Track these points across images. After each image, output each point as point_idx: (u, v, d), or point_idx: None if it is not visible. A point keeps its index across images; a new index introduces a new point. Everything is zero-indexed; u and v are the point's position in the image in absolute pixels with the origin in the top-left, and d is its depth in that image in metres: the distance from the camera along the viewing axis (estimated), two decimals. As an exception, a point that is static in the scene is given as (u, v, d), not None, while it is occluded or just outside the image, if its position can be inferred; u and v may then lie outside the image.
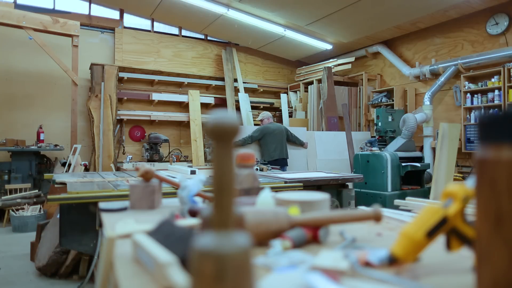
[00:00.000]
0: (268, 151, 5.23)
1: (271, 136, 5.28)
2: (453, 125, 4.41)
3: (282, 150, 5.30)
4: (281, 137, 5.36)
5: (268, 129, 5.32)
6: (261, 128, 5.37)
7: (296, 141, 5.69)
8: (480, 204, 0.50)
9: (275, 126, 5.44)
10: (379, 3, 5.39)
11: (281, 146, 5.32)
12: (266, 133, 5.29)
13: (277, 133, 5.34)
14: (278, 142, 5.28)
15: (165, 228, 0.84)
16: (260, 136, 5.31)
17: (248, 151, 1.48)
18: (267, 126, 5.38)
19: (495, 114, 0.48)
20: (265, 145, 5.28)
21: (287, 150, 5.40)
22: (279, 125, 5.56)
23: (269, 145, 5.25)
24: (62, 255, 3.05)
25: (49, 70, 6.18)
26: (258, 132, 5.32)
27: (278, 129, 5.41)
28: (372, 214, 0.91)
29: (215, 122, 0.47)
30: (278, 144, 5.28)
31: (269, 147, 5.24)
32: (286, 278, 0.67)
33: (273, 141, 5.25)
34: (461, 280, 0.68)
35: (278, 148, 5.28)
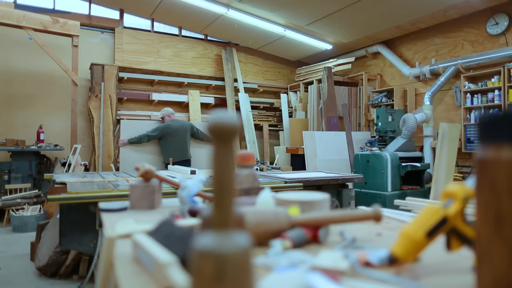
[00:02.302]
0: (169, 152, 4.75)
1: (173, 136, 4.80)
2: (453, 125, 4.41)
3: (185, 151, 4.85)
4: (184, 137, 4.88)
5: (169, 128, 4.81)
6: (162, 127, 4.84)
7: (204, 138, 5.14)
8: (480, 204, 0.50)
9: (178, 124, 4.92)
10: (379, 3, 5.39)
11: (184, 146, 4.86)
12: (167, 132, 4.80)
13: (180, 132, 4.85)
14: (180, 142, 4.82)
15: (165, 228, 0.84)
16: (159, 136, 4.81)
17: (248, 151, 1.48)
18: (169, 124, 4.86)
19: (495, 114, 0.48)
20: (166, 145, 4.79)
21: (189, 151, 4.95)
22: (183, 122, 5.05)
23: (170, 145, 4.77)
24: (62, 255, 3.05)
25: (49, 70, 6.18)
26: (158, 131, 4.81)
27: (182, 127, 4.91)
28: (372, 214, 0.91)
29: (215, 122, 0.47)
30: (181, 144, 4.82)
31: (170, 148, 4.77)
32: (286, 278, 0.67)
33: (174, 141, 4.79)
34: (461, 280, 0.68)
35: (181, 148, 4.82)
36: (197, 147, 5.15)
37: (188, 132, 4.97)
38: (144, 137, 4.77)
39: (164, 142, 4.81)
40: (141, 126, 4.91)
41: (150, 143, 4.89)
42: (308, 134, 6.11)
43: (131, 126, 4.90)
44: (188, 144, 4.95)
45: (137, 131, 4.81)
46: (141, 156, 4.83)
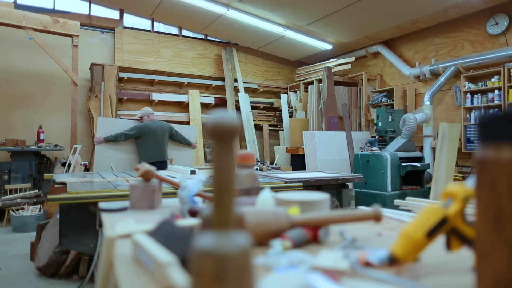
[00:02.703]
0: (146, 153, 4.64)
1: (151, 136, 4.69)
2: (453, 125, 4.41)
3: (162, 152, 4.76)
4: (163, 138, 4.80)
5: (147, 128, 4.71)
6: (139, 126, 4.74)
7: (182, 141, 5.09)
8: (480, 204, 0.50)
9: (156, 124, 4.82)
10: (379, 3, 5.39)
11: (162, 147, 4.77)
12: (144, 132, 4.69)
13: (158, 132, 4.76)
14: (158, 143, 4.73)
15: (165, 228, 0.84)
16: (136, 135, 4.69)
17: (248, 151, 1.48)
18: (147, 124, 4.75)
19: (495, 114, 0.48)
20: (143, 145, 4.68)
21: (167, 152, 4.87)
22: (161, 123, 4.94)
23: (148, 145, 4.67)
24: (62, 255, 3.05)
25: (49, 70, 6.18)
26: (135, 130, 4.69)
27: (160, 128, 4.81)
28: (372, 214, 0.91)
29: (215, 122, 0.47)
30: (158, 145, 4.73)
31: (147, 148, 4.66)
32: (286, 278, 0.67)
33: (152, 142, 4.69)
34: (461, 280, 0.68)
35: (158, 149, 4.73)
36: (175, 150, 5.03)
37: (167, 134, 4.88)
38: (121, 135, 4.64)
39: (141, 142, 4.70)
40: (118, 124, 4.79)
41: (126, 142, 4.75)
42: (308, 134, 6.11)
43: (108, 124, 4.76)
44: (166, 145, 4.85)
45: (114, 129, 4.68)
46: (117, 155, 4.69)
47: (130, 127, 4.74)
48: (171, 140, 4.99)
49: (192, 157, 5.34)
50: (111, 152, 4.69)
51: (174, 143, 5.04)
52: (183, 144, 5.14)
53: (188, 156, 5.26)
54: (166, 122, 5.00)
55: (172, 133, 4.98)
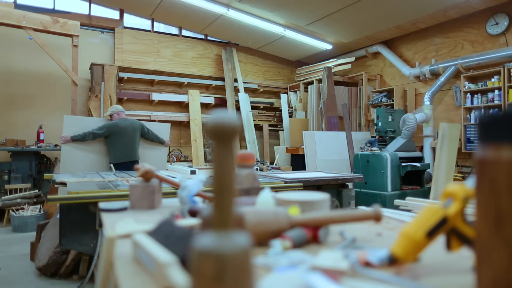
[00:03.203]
0: (116, 152, 4.50)
1: (121, 135, 4.53)
2: (453, 125, 4.41)
3: (133, 152, 4.60)
4: (133, 137, 4.64)
5: (117, 126, 4.54)
6: (109, 125, 4.56)
7: (155, 139, 4.93)
8: (480, 204, 0.50)
9: (127, 123, 4.65)
10: (379, 3, 5.39)
11: (132, 146, 4.60)
12: (114, 131, 4.52)
13: (129, 131, 4.60)
14: (129, 142, 4.57)
15: (165, 228, 0.84)
16: (106, 134, 4.52)
17: (248, 151, 1.48)
18: (117, 123, 4.58)
19: (495, 114, 0.48)
20: (113, 144, 4.52)
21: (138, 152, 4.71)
22: (132, 121, 4.77)
23: (118, 145, 4.51)
24: (62, 255, 3.05)
25: (49, 70, 6.18)
26: (104, 129, 4.51)
27: (131, 126, 4.65)
28: (372, 214, 0.91)
29: (215, 122, 0.47)
30: (129, 144, 4.57)
31: (117, 148, 4.51)
32: (286, 278, 0.67)
33: (122, 141, 4.52)
34: (461, 280, 0.68)
35: (129, 149, 4.56)
36: (146, 148, 4.86)
37: (138, 132, 4.72)
38: (89, 134, 4.46)
39: (111, 141, 4.53)
40: (86, 123, 4.61)
41: (95, 142, 4.58)
42: (308, 134, 6.11)
43: (74, 122, 4.57)
44: (137, 144, 4.69)
45: (81, 128, 4.50)
46: (84, 156, 4.53)
47: (99, 126, 4.56)
48: (143, 139, 4.82)
49: (165, 156, 5.15)
50: (79, 152, 4.51)
51: (146, 142, 4.87)
52: (155, 143, 4.97)
53: (161, 155, 5.06)
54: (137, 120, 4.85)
55: (144, 132, 4.82)
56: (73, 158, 4.47)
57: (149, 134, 4.87)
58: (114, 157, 4.48)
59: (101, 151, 4.63)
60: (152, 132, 4.91)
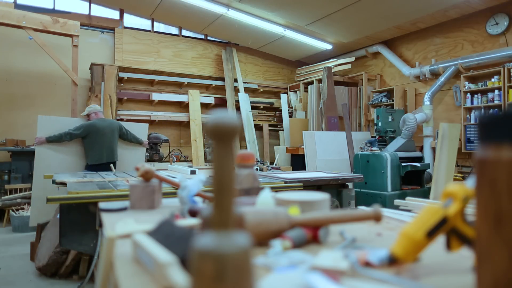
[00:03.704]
0: (94, 153, 4.37)
1: (99, 135, 4.40)
2: (453, 125, 4.41)
3: (111, 153, 4.49)
4: (112, 137, 4.52)
5: (95, 126, 4.42)
6: (86, 125, 4.42)
7: (133, 140, 4.84)
8: (480, 204, 0.50)
9: (105, 123, 4.54)
10: (379, 3, 5.39)
11: (111, 147, 4.49)
12: (92, 131, 4.39)
13: (107, 132, 4.48)
14: (107, 143, 4.45)
15: (165, 228, 0.84)
16: (83, 134, 4.38)
17: (248, 151, 1.48)
18: (94, 123, 4.46)
19: (495, 114, 0.48)
20: (91, 145, 4.39)
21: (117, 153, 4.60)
22: (111, 121, 4.68)
23: (96, 146, 4.39)
24: (62, 255, 3.05)
25: (49, 70, 6.18)
26: (81, 129, 4.38)
27: (109, 127, 4.53)
28: (372, 214, 0.91)
29: (215, 122, 0.47)
30: (107, 145, 4.45)
31: (96, 148, 4.38)
32: (286, 278, 0.67)
33: (100, 142, 4.40)
34: (461, 280, 0.68)
35: (107, 150, 4.44)
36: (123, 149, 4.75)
37: (116, 133, 4.62)
38: (65, 135, 4.31)
39: (89, 142, 4.40)
40: (62, 123, 4.47)
41: (71, 143, 4.44)
42: (308, 134, 6.11)
43: (49, 123, 4.41)
44: (116, 145, 4.59)
45: (57, 129, 4.36)
46: (60, 158, 4.38)
47: (76, 126, 4.43)
48: (120, 140, 4.72)
49: (143, 157, 5.04)
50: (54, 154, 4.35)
51: (124, 142, 4.77)
52: (133, 143, 4.87)
53: (139, 156, 4.95)
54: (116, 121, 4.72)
55: (122, 132, 4.72)
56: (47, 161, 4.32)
57: (127, 134, 4.78)
58: (92, 158, 4.36)
59: (77, 152, 4.49)
60: (130, 133, 4.83)
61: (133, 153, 4.90)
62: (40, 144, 4.30)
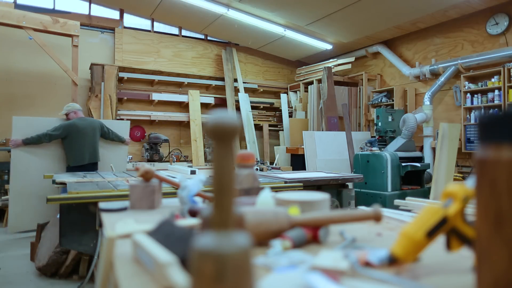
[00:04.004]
0: (75, 154, 4.19)
1: (80, 135, 4.22)
2: (453, 125, 4.41)
3: (94, 153, 4.33)
4: (94, 137, 4.36)
5: (76, 126, 4.24)
6: (66, 125, 4.23)
7: (115, 138, 4.68)
8: (480, 204, 0.50)
9: (86, 122, 4.36)
10: (379, 3, 5.39)
11: (93, 148, 4.33)
12: (72, 131, 4.20)
13: (89, 131, 4.30)
14: (89, 143, 4.27)
15: (165, 228, 0.84)
16: (63, 135, 4.20)
17: (248, 151, 1.48)
18: (74, 122, 4.27)
19: (495, 114, 0.48)
20: (72, 146, 4.20)
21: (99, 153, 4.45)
22: (91, 120, 4.50)
23: (77, 146, 4.20)
24: (62, 255, 3.05)
25: (49, 70, 6.18)
26: (61, 129, 4.19)
27: (90, 126, 4.36)
28: (372, 214, 0.91)
29: (215, 122, 0.47)
30: (89, 145, 4.28)
31: (77, 149, 4.20)
32: (286, 278, 0.67)
33: (82, 142, 4.22)
34: (461, 280, 0.68)
35: (89, 150, 4.27)
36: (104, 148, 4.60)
37: (98, 132, 4.46)
38: (44, 136, 4.12)
39: (69, 143, 4.21)
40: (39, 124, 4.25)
41: (50, 145, 4.24)
42: (308, 134, 6.11)
43: (25, 124, 4.21)
44: (98, 145, 4.42)
45: (34, 130, 4.16)
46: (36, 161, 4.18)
47: (55, 127, 4.23)
48: (102, 139, 4.57)
49: (125, 156, 4.87)
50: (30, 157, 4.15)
51: (105, 141, 4.62)
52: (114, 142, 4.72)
53: (121, 155, 4.79)
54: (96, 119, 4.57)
55: (104, 131, 4.57)
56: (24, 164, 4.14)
57: (109, 133, 4.64)
58: (74, 160, 4.18)
59: (56, 154, 4.31)
60: (112, 131, 4.69)
61: (116, 152, 4.74)
62: (17, 147, 4.12)
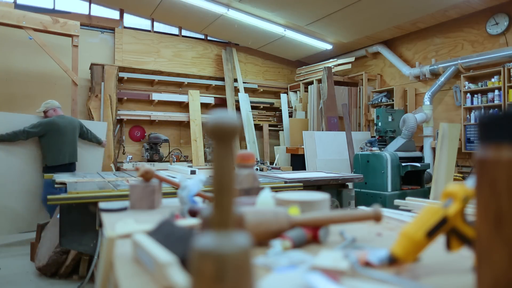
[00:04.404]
0: (54, 154, 4.01)
1: (60, 134, 4.06)
2: (453, 125, 4.41)
3: (73, 153, 4.17)
4: (73, 136, 4.22)
5: (56, 124, 4.08)
6: (46, 123, 4.06)
7: (93, 139, 4.55)
8: (480, 204, 0.50)
9: (66, 121, 4.19)
10: (379, 3, 5.39)
11: (73, 147, 4.18)
12: (51, 129, 4.04)
13: (69, 130, 4.16)
14: (68, 142, 4.12)
15: (165, 228, 0.84)
16: (41, 133, 4.02)
17: (248, 151, 1.48)
18: (54, 120, 4.11)
19: (495, 114, 0.48)
20: (51, 145, 4.02)
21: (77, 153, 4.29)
22: (71, 119, 4.31)
23: (56, 145, 4.03)
24: (62, 255, 3.05)
25: (49, 70, 6.18)
26: (40, 127, 4.02)
27: (71, 125, 4.20)
28: (372, 214, 0.91)
29: (215, 122, 0.47)
30: (69, 144, 4.12)
31: (56, 148, 4.03)
32: (286, 278, 0.67)
33: (61, 141, 4.06)
34: (461, 280, 0.68)
35: (69, 149, 4.11)
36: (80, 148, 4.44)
37: (77, 131, 4.31)
38: (21, 134, 3.94)
39: (47, 141, 4.02)
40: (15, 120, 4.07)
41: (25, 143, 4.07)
42: (308, 134, 6.11)
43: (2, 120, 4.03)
44: (77, 144, 4.28)
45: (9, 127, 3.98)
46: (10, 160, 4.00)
47: (33, 124, 4.04)
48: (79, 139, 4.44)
49: (101, 158, 4.72)
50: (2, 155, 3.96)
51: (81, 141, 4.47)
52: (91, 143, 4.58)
53: (97, 157, 4.64)
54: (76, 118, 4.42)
55: (83, 131, 4.44)
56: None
57: (87, 133, 4.52)
58: (52, 159, 4.02)
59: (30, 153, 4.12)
60: (91, 132, 4.57)
61: (91, 153, 4.58)
62: None
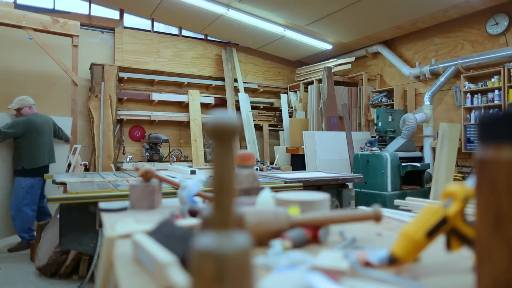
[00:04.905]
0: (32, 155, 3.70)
1: (38, 134, 3.77)
2: (453, 125, 4.41)
3: (52, 153, 3.92)
4: (50, 135, 3.95)
5: (34, 123, 3.77)
6: (24, 122, 3.73)
7: (63, 137, 4.29)
8: (480, 204, 0.50)
9: (41, 118, 3.91)
10: (379, 3, 5.39)
11: (51, 147, 3.92)
12: (30, 129, 3.74)
13: (46, 129, 3.88)
14: (47, 143, 3.85)
15: (165, 228, 0.84)
16: (20, 133, 3.69)
17: (248, 151, 1.48)
18: (32, 119, 3.81)
19: (495, 114, 0.48)
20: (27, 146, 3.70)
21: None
22: (46, 117, 4.01)
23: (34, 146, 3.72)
24: (62, 255, 3.05)
25: (49, 70, 6.18)
26: (18, 127, 3.69)
27: (47, 123, 3.93)
28: (372, 214, 0.91)
29: (215, 122, 0.47)
30: (47, 145, 3.85)
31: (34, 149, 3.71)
32: (286, 278, 0.67)
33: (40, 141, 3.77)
34: (461, 280, 0.68)
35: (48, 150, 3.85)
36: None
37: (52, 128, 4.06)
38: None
39: (23, 142, 3.70)
40: None
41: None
42: (308, 134, 6.11)
43: None
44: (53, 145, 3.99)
45: None
46: None
47: (10, 123, 3.70)
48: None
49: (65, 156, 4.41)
50: None
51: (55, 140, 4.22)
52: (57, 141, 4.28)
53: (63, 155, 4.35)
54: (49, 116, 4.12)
55: (55, 129, 4.16)
56: None
57: (59, 131, 4.25)
58: (30, 162, 3.70)
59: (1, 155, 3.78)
60: (61, 129, 4.31)
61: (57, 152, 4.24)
62: None
